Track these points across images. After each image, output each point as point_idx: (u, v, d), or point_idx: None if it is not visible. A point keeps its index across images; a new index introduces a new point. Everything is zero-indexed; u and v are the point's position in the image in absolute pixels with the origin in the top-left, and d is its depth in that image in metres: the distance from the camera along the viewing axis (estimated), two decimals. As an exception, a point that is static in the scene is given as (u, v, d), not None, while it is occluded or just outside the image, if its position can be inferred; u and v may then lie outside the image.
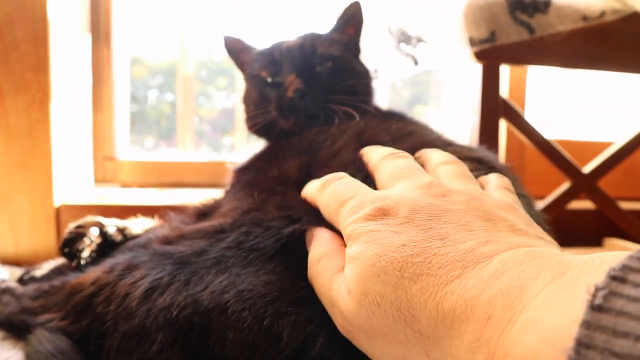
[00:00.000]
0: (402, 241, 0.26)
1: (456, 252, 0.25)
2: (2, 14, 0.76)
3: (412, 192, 0.30)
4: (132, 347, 0.33)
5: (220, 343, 0.29)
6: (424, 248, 0.25)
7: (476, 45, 0.61)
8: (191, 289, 0.32)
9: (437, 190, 0.30)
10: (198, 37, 1.16)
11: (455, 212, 0.28)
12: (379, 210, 0.29)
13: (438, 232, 0.26)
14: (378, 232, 0.27)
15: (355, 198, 0.31)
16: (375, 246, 0.27)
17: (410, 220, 0.27)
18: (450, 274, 0.24)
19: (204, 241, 0.37)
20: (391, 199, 0.29)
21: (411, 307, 0.24)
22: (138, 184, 1.03)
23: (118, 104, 1.04)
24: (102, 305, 0.37)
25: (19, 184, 0.78)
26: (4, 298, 0.50)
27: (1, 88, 0.77)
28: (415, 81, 1.37)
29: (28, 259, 0.78)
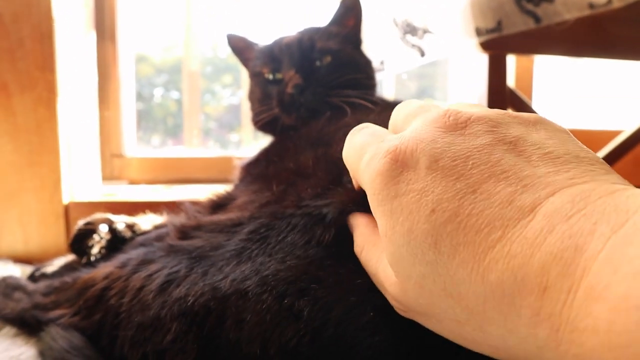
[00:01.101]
0: (430, 205, 0.22)
1: (492, 208, 0.21)
2: (8, 13, 0.76)
3: (426, 130, 0.25)
4: (147, 337, 0.33)
5: (236, 326, 0.29)
6: (455, 209, 0.22)
7: (483, 35, 0.61)
8: (209, 279, 0.32)
9: (454, 120, 0.25)
10: (202, 34, 1.16)
11: (481, 149, 0.23)
12: (396, 163, 0.24)
13: (467, 182, 0.22)
14: (402, 197, 0.23)
15: (370, 148, 0.27)
16: (403, 219, 0.23)
17: (434, 170, 0.23)
18: (490, 238, 0.20)
19: (221, 235, 0.37)
20: (405, 143, 0.25)
21: (455, 284, 0.21)
22: (146, 181, 1.03)
23: (124, 101, 1.04)
24: (114, 298, 0.37)
25: (28, 181, 0.79)
26: (16, 295, 0.51)
27: (8, 86, 0.77)
28: (421, 74, 1.37)
29: (38, 256, 0.78)
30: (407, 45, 0.69)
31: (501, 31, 0.60)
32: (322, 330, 0.28)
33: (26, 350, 0.46)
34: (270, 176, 0.45)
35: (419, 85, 1.40)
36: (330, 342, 0.27)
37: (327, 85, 0.59)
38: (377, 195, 0.25)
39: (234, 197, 0.47)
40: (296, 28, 0.67)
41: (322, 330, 0.28)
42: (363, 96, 0.57)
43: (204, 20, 1.15)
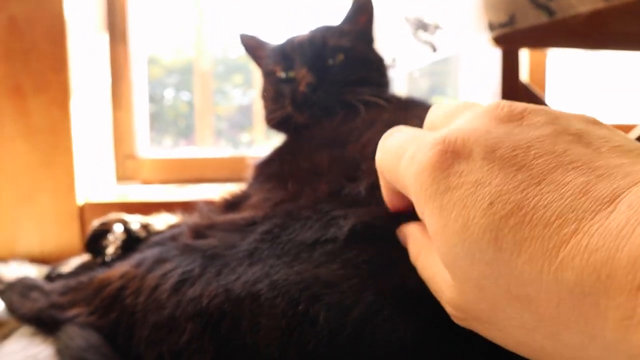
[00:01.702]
0: (488, 198, 0.20)
1: (562, 200, 0.18)
2: (21, 16, 0.77)
3: (479, 121, 0.23)
4: (162, 337, 0.33)
5: (252, 330, 0.29)
6: (519, 201, 0.19)
7: (495, 30, 0.60)
8: (222, 280, 0.32)
9: (509, 111, 0.23)
10: (213, 34, 1.16)
11: (543, 139, 0.21)
12: (446, 154, 0.22)
13: (530, 172, 0.20)
14: (454, 191, 0.21)
15: (412, 145, 0.24)
16: (456, 214, 0.20)
17: (491, 161, 0.21)
18: (563, 232, 0.18)
19: (235, 234, 0.37)
20: (455, 134, 0.22)
21: (522, 285, 0.19)
22: (159, 181, 1.04)
23: (137, 102, 1.04)
24: (130, 298, 0.37)
25: (43, 182, 0.80)
26: (33, 294, 0.51)
27: (23, 88, 0.78)
28: (432, 71, 1.36)
29: (53, 256, 0.79)
30: (419, 42, 0.68)
31: (514, 25, 0.59)
32: (341, 331, 0.28)
33: (44, 349, 0.46)
34: (284, 175, 0.45)
35: (430, 83, 1.39)
36: (349, 341, 0.27)
37: (339, 83, 0.59)
38: (425, 192, 0.22)
39: (248, 195, 0.47)
40: (308, 27, 0.67)
41: (340, 331, 0.28)
42: (376, 94, 0.57)
43: (213, 20, 1.15)
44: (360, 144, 0.44)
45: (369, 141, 0.44)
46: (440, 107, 0.28)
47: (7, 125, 0.78)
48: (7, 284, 0.54)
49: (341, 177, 0.38)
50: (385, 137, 0.29)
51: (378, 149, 0.29)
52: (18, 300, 0.51)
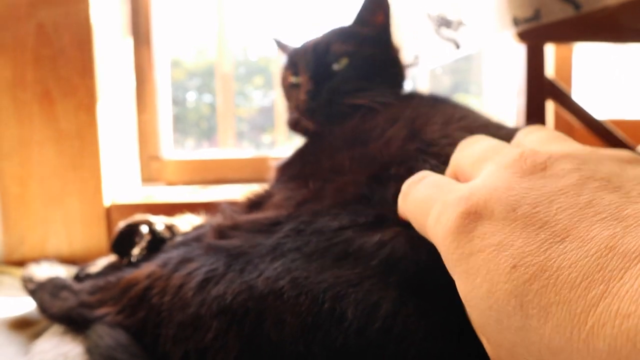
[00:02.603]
0: (510, 261, 0.19)
1: (587, 258, 0.17)
2: (49, 22, 0.79)
3: (501, 176, 0.22)
4: (188, 335, 0.33)
5: (277, 327, 0.29)
6: (542, 263, 0.18)
7: (521, 25, 0.59)
8: (245, 277, 0.32)
9: (532, 163, 0.22)
10: (233, 37, 1.17)
11: (567, 190, 0.20)
12: (469, 216, 0.21)
13: (553, 230, 0.19)
14: (477, 254, 0.20)
15: (437, 203, 0.24)
16: (480, 279, 0.20)
17: (512, 221, 0.20)
18: (590, 295, 0.16)
19: (259, 235, 0.37)
20: (477, 194, 0.22)
21: (553, 354, 0.17)
22: (182, 182, 1.05)
23: (161, 104, 1.06)
24: (157, 297, 0.37)
25: (71, 185, 0.81)
26: (63, 294, 0.52)
27: (51, 93, 0.80)
28: (455, 68, 1.35)
29: (81, 257, 0.80)
30: (442, 39, 0.68)
31: (539, 20, 0.58)
32: (369, 325, 0.28)
33: (74, 348, 0.47)
34: (306, 175, 0.45)
35: (453, 80, 1.38)
36: (379, 334, 0.27)
37: (344, 87, 0.58)
38: (451, 256, 0.22)
39: (271, 195, 0.47)
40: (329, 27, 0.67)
41: (369, 325, 0.28)
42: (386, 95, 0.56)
43: (234, 23, 1.16)
44: (382, 142, 0.44)
45: (392, 139, 0.43)
46: (469, 147, 0.27)
47: (36, 130, 0.80)
48: (38, 283, 0.55)
49: (364, 177, 0.38)
50: (409, 185, 0.28)
51: (401, 197, 0.29)
52: (48, 300, 0.52)
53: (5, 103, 0.79)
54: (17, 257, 0.81)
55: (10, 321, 0.55)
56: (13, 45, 0.78)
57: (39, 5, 0.78)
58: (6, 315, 0.57)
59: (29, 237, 0.81)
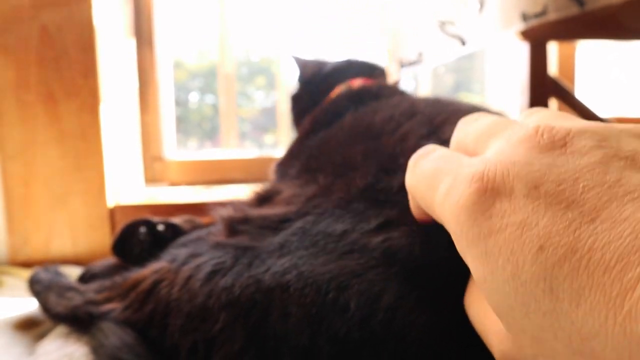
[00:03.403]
0: (537, 241, 0.18)
1: (621, 239, 0.16)
2: (52, 24, 0.79)
3: (516, 151, 0.21)
4: (196, 326, 0.33)
5: (282, 319, 0.30)
6: (572, 243, 0.17)
7: (530, 20, 0.59)
8: (253, 271, 0.32)
9: (550, 138, 0.20)
10: (235, 37, 1.17)
11: (592, 168, 0.19)
12: (485, 192, 0.20)
13: (581, 209, 0.18)
14: (498, 234, 0.19)
15: (447, 177, 0.23)
16: (504, 261, 0.18)
17: (535, 199, 0.19)
18: (627, 278, 0.15)
19: (268, 231, 0.38)
20: (492, 169, 0.20)
21: (585, 339, 0.17)
22: (186, 182, 1.05)
23: (163, 105, 1.06)
24: (165, 290, 0.38)
25: (74, 185, 0.81)
26: (69, 294, 0.52)
27: (54, 94, 0.80)
28: (457, 67, 1.35)
29: (86, 258, 0.80)
30: (447, 36, 0.67)
31: (547, 15, 0.58)
32: (372, 316, 0.28)
33: (78, 348, 0.47)
34: (314, 169, 0.45)
35: (455, 79, 1.38)
36: (381, 326, 0.28)
37: None
38: (466, 235, 0.20)
39: (279, 190, 0.47)
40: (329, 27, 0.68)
41: (371, 317, 0.28)
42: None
43: (235, 23, 1.16)
44: (397, 136, 0.43)
45: (408, 134, 0.43)
46: (470, 124, 0.26)
47: (40, 130, 0.80)
48: (44, 285, 0.55)
49: (376, 171, 0.38)
50: (415, 159, 0.27)
51: (408, 171, 0.27)
52: (54, 300, 0.52)
53: (9, 104, 0.79)
54: (21, 258, 0.81)
55: (15, 322, 0.55)
56: (16, 46, 0.79)
57: (42, 7, 0.79)
58: (11, 316, 0.57)
59: (33, 238, 0.81)
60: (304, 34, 1.18)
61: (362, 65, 0.75)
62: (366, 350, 0.28)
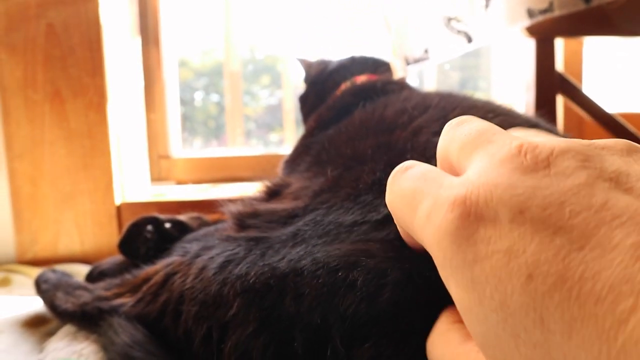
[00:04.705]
0: (525, 270, 0.17)
1: (612, 268, 0.16)
2: (59, 23, 0.79)
3: (499, 172, 0.20)
4: (210, 313, 0.34)
5: (296, 301, 0.30)
6: (561, 272, 0.16)
7: (536, 16, 0.59)
8: (268, 260, 0.33)
9: (533, 159, 0.20)
10: (240, 36, 1.17)
11: (577, 191, 0.18)
12: (468, 217, 0.19)
13: (569, 236, 0.17)
14: (484, 261, 0.18)
15: (427, 199, 0.22)
16: (491, 290, 0.18)
17: (521, 223, 0.18)
18: (619, 309, 0.15)
19: (277, 225, 0.38)
20: (475, 192, 0.20)
21: None
22: (192, 181, 1.05)
23: (169, 103, 1.06)
24: (179, 281, 0.38)
25: (82, 184, 0.82)
26: (77, 292, 0.52)
27: (61, 92, 0.80)
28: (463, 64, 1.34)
29: (93, 256, 0.81)
30: (453, 32, 0.67)
31: (552, 12, 0.58)
32: (378, 294, 0.28)
33: (87, 345, 0.47)
34: (323, 162, 0.46)
35: (461, 76, 1.37)
36: (388, 304, 0.28)
37: None
38: (450, 262, 0.19)
39: (289, 183, 0.47)
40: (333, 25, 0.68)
41: (378, 294, 0.28)
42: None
43: (241, 22, 1.16)
44: (409, 131, 0.43)
45: (421, 129, 0.42)
46: (455, 134, 0.25)
47: (47, 129, 0.80)
48: (51, 283, 0.55)
49: (384, 166, 0.38)
50: (394, 176, 0.25)
51: (388, 188, 0.26)
52: (62, 297, 0.52)
53: (16, 103, 0.79)
54: (29, 256, 0.82)
55: (24, 320, 0.56)
56: (23, 45, 0.79)
57: (48, 6, 0.79)
58: (20, 314, 0.57)
59: (41, 237, 0.82)
60: (309, 31, 1.18)
61: (366, 62, 0.75)
62: (374, 326, 0.28)
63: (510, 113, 0.48)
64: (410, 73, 0.82)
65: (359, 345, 0.28)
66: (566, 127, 0.98)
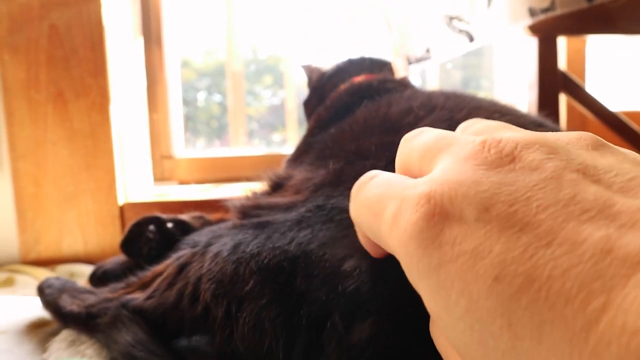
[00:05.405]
0: (491, 271, 0.16)
1: (582, 264, 0.15)
2: (62, 24, 0.80)
3: (463, 169, 0.19)
4: (227, 290, 0.36)
5: (306, 280, 0.33)
6: (529, 272, 0.15)
7: (537, 15, 0.59)
8: (277, 243, 0.35)
9: (497, 154, 0.19)
10: (242, 36, 1.17)
11: (544, 185, 0.17)
12: (433, 217, 0.18)
13: (536, 232, 0.16)
14: (450, 264, 0.17)
15: (392, 202, 0.21)
16: (457, 295, 0.17)
17: (486, 222, 0.17)
18: (590, 309, 0.14)
19: (280, 212, 0.40)
20: (439, 190, 0.19)
21: None
22: (195, 181, 1.05)
23: (172, 103, 1.07)
24: (196, 267, 0.39)
25: (85, 184, 0.82)
26: (82, 295, 0.52)
27: (64, 93, 0.80)
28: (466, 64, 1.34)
29: (97, 256, 0.81)
30: (454, 31, 0.67)
31: (554, 10, 0.58)
32: (379, 276, 0.30)
33: (90, 345, 0.47)
34: (326, 157, 0.46)
35: (464, 75, 1.37)
36: (388, 285, 0.29)
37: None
38: (417, 266, 0.18)
39: (291, 175, 0.48)
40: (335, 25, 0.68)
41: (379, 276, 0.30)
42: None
43: (243, 22, 1.16)
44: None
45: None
46: (415, 141, 0.24)
47: (50, 130, 0.81)
48: (56, 288, 0.54)
49: (386, 162, 0.39)
50: (358, 187, 0.25)
51: (352, 198, 0.25)
52: (68, 300, 0.51)
53: (19, 104, 0.80)
54: (33, 256, 0.82)
55: (28, 320, 0.56)
56: (26, 46, 0.79)
57: (51, 7, 0.79)
58: (23, 314, 0.57)
59: (45, 237, 0.82)
60: (311, 31, 1.18)
61: (363, 62, 0.75)
62: (374, 305, 0.30)
63: (516, 113, 0.48)
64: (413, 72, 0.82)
65: (360, 322, 0.29)
66: (569, 125, 0.98)
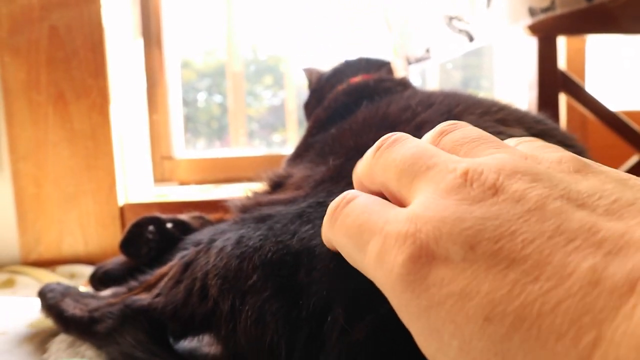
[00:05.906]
0: (481, 312, 0.16)
1: (570, 298, 0.15)
2: (62, 25, 0.80)
3: (445, 205, 0.19)
4: (232, 285, 0.36)
5: (308, 274, 0.33)
6: (518, 310, 0.15)
7: (537, 15, 0.59)
8: (280, 237, 0.35)
9: (480, 188, 0.19)
10: (242, 37, 1.18)
11: (528, 217, 0.17)
12: (419, 259, 0.18)
13: (522, 268, 0.16)
14: (439, 306, 0.17)
15: (374, 238, 0.20)
16: (449, 337, 0.17)
17: (472, 262, 0.17)
18: (582, 345, 0.14)
19: (280, 206, 0.40)
20: (423, 229, 0.18)
21: None
22: (195, 181, 1.05)
23: (172, 104, 1.07)
24: (202, 264, 0.39)
25: (85, 184, 0.82)
26: (86, 300, 0.52)
27: (65, 94, 0.81)
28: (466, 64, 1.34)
29: (97, 256, 0.81)
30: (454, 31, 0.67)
31: (554, 10, 0.58)
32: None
33: (90, 346, 0.47)
34: (326, 154, 0.46)
35: (464, 75, 1.37)
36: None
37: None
38: (405, 308, 0.18)
39: (291, 174, 0.48)
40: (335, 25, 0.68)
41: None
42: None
43: (243, 22, 1.17)
44: (413, 125, 0.44)
45: (425, 123, 0.43)
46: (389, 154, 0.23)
47: (51, 131, 0.81)
48: (58, 292, 0.54)
49: None
50: (334, 210, 0.24)
51: (327, 223, 0.24)
52: (71, 303, 0.51)
53: (20, 105, 0.80)
54: (33, 257, 0.82)
55: (28, 320, 0.56)
56: (27, 48, 0.79)
57: (51, 8, 0.79)
58: (23, 314, 0.57)
59: (45, 237, 0.82)
60: (311, 31, 1.18)
61: (360, 63, 0.75)
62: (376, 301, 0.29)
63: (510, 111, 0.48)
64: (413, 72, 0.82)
65: (361, 317, 0.29)
66: (569, 125, 0.98)
